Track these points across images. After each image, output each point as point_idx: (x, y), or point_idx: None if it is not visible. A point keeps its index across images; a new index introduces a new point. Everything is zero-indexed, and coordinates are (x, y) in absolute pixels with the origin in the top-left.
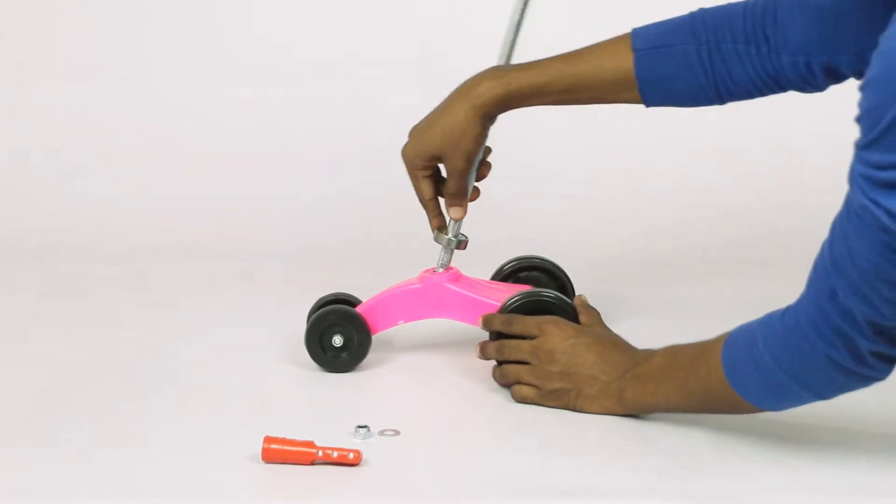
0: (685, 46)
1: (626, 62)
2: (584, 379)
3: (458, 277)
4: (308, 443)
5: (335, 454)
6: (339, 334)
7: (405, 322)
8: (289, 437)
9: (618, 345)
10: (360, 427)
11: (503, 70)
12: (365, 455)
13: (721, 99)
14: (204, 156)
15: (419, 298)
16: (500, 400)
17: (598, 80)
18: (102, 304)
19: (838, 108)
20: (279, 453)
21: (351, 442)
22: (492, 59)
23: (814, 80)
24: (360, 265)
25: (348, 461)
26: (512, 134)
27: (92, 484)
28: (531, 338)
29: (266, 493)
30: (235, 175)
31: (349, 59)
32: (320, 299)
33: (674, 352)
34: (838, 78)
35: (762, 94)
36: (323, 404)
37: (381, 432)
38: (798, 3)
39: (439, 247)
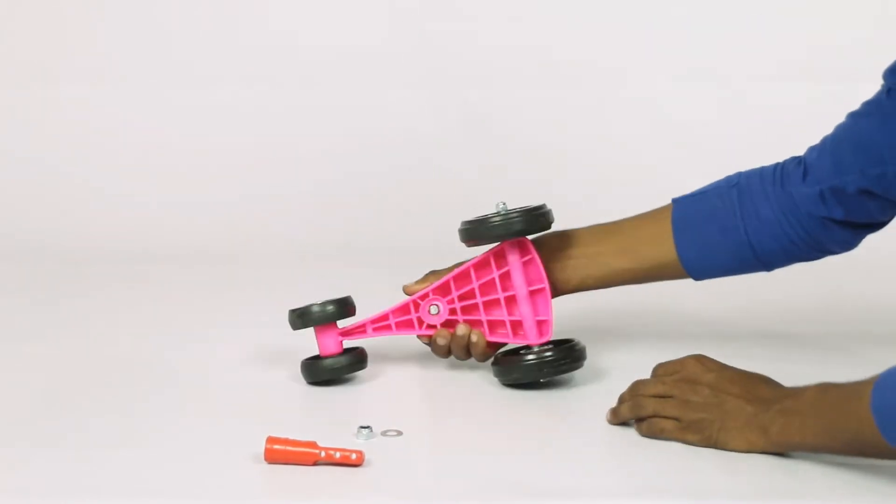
0: (718, 190)
1: (664, 221)
2: (729, 411)
3: None
4: (311, 443)
5: (338, 455)
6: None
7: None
8: (291, 437)
9: (765, 380)
10: (362, 427)
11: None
12: (368, 456)
13: (751, 245)
14: (205, 156)
15: None
16: (503, 401)
17: (635, 238)
18: (103, 305)
19: None
20: (282, 454)
21: (354, 443)
22: (487, 47)
23: (829, 212)
24: (362, 264)
25: (351, 462)
26: (517, 136)
27: (92, 484)
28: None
29: (268, 494)
30: (237, 176)
31: (348, 58)
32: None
33: (825, 389)
34: (847, 206)
35: (791, 240)
36: (325, 405)
37: (384, 433)
38: (820, 141)
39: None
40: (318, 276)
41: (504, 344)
